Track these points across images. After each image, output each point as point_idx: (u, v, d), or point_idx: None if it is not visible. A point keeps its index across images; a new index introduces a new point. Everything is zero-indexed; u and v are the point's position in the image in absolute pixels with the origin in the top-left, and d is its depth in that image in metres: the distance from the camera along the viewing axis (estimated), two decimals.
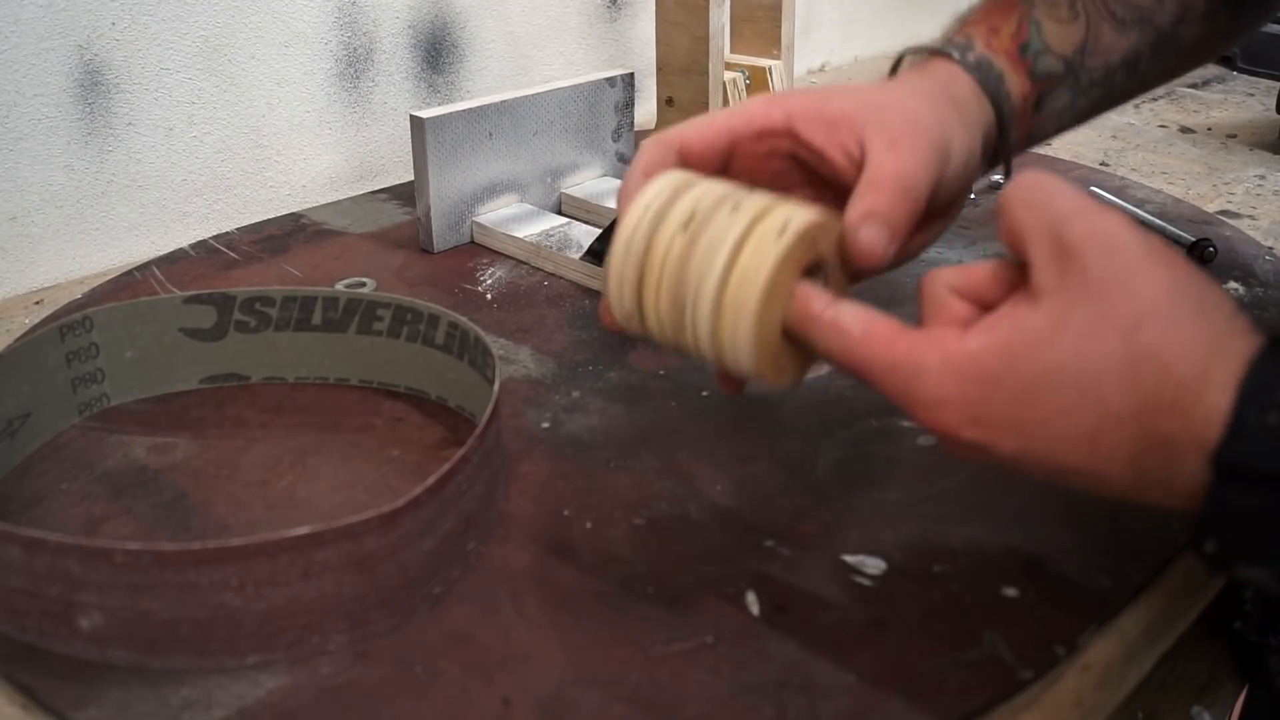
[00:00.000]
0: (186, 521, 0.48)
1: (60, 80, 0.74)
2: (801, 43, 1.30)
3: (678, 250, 0.40)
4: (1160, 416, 0.33)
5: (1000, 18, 0.51)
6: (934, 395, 0.35)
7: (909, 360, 0.36)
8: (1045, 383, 0.34)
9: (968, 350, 0.35)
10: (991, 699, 0.39)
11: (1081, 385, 0.33)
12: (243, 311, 0.56)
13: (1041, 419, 0.34)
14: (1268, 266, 0.73)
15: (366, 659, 0.40)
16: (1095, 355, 0.33)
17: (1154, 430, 0.33)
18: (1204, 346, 0.33)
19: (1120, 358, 0.33)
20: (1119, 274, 0.33)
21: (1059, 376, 0.34)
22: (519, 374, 0.60)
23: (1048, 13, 0.51)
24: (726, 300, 0.39)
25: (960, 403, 0.35)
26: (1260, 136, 1.05)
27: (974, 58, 0.49)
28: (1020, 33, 0.50)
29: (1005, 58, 0.50)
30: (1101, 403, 0.33)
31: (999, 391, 0.34)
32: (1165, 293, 0.33)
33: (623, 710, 0.38)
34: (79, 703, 0.38)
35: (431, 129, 0.71)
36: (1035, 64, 0.50)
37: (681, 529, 0.47)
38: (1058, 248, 0.34)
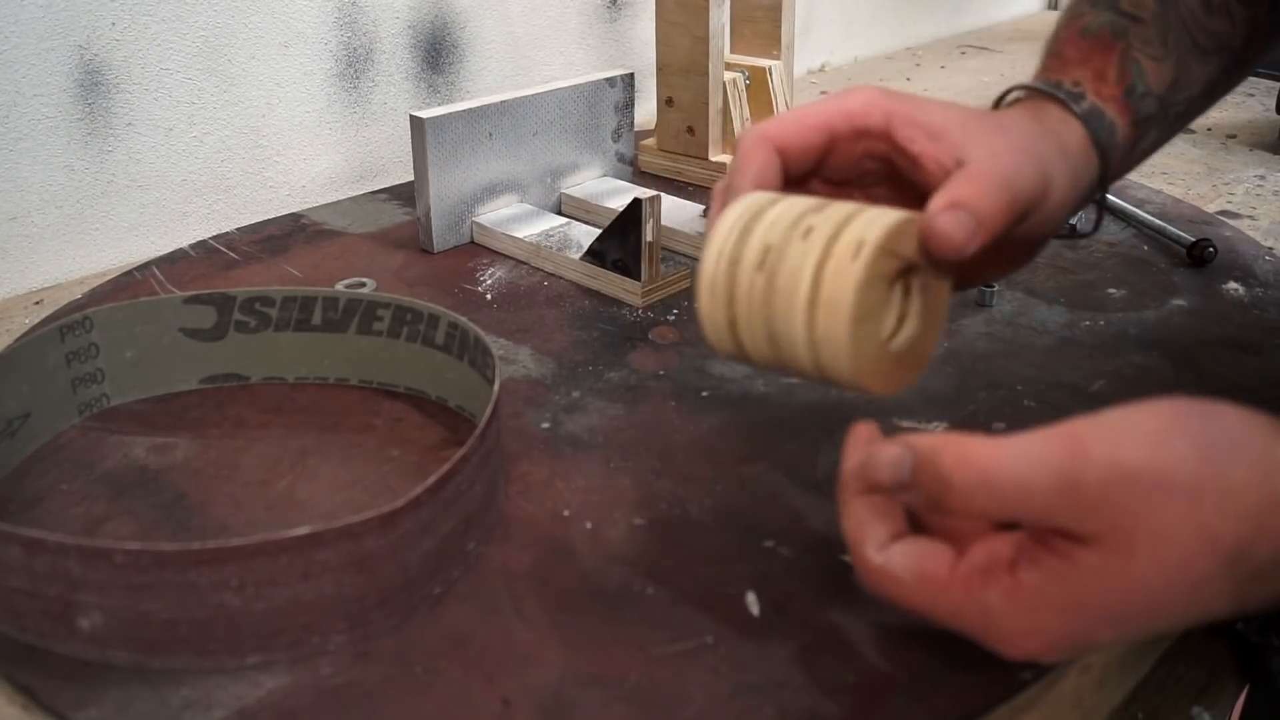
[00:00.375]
0: (186, 522, 0.48)
1: (60, 80, 0.74)
2: (801, 43, 1.30)
3: (760, 292, 0.39)
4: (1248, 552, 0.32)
5: (1103, 59, 0.49)
6: (1010, 632, 0.35)
7: (971, 603, 0.35)
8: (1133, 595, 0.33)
9: (1025, 587, 0.34)
10: (991, 699, 0.39)
11: (1168, 579, 0.33)
12: (243, 311, 0.56)
13: (1138, 613, 0.33)
14: (1268, 266, 0.73)
15: (366, 659, 0.40)
16: (1172, 552, 0.32)
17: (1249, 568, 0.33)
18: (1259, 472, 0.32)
19: (1194, 535, 0.32)
20: (1154, 490, 0.33)
21: (1146, 585, 0.33)
22: (519, 374, 0.60)
23: (1144, 50, 0.50)
24: (819, 335, 0.38)
25: (1040, 632, 0.34)
26: (1260, 136, 1.05)
27: (1087, 107, 0.48)
28: (1124, 76, 0.49)
29: (1113, 105, 0.49)
30: (1193, 576, 0.33)
31: (1082, 615, 0.34)
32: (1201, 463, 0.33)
33: (623, 710, 0.38)
34: (79, 703, 0.38)
35: (431, 129, 0.71)
36: (1139, 108, 0.49)
37: (681, 529, 0.47)
38: (1081, 510, 0.33)
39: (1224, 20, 0.52)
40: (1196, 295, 0.69)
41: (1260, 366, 0.60)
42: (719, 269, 0.40)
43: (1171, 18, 0.51)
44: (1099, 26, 0.51)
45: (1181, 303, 0.68)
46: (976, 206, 0.40)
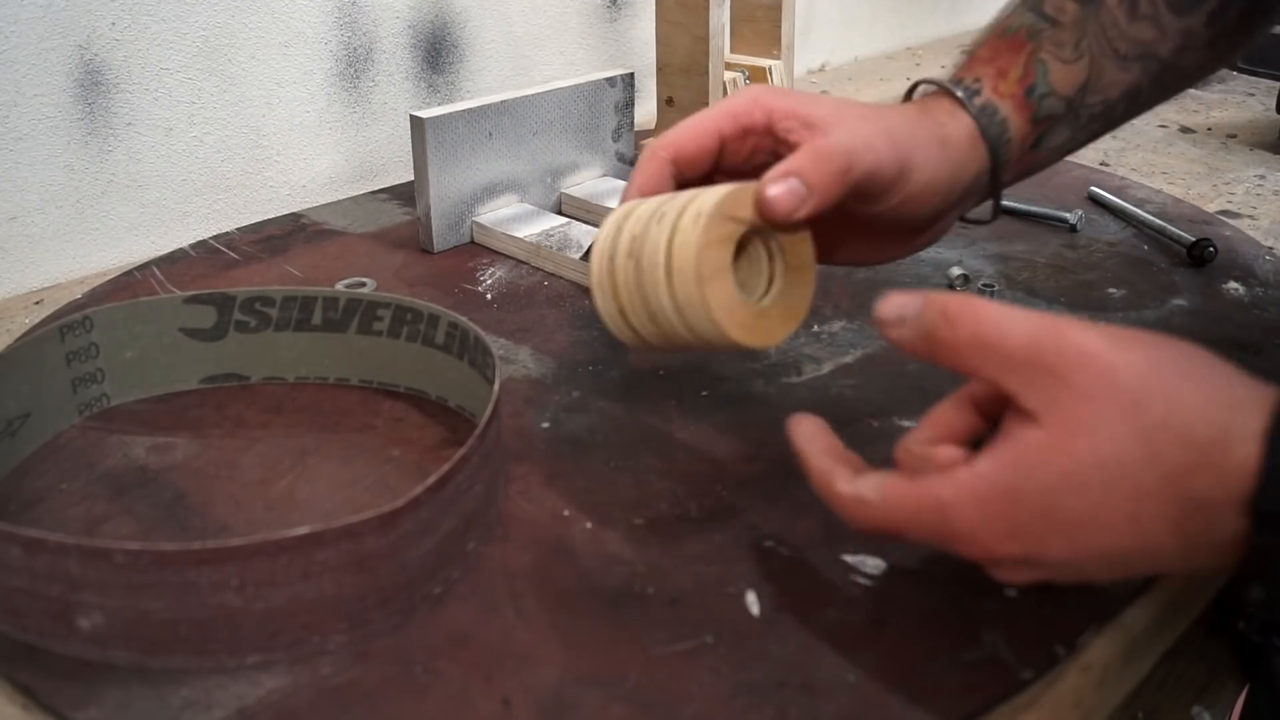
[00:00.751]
0: (186, 522, 0.48)
1: (60, 80, 0.74)
2: (801, 43, 1.30)
3: (632, 276, 0.45)
4: (1191, 480, 0.33)
5: (1009, 58, 0.51)
6: (965, 527, 0.36)
7: (928, 501, 0.37)
8: (1071, 485, 0.35)
9: (978, 473, 0.36)
10: (991, 699, 0.39)
11: (1107, 478, 0.34)
12: (243, 311, 0.56)
13: (1079, 516, 0.35)
14: (1268, 266, 0.73)
15: (366, 659, 0.40)
16: (1110, 447, 0.34)
17: (1189, 495, 0.34)
18: (1214, 406, 0.34)
19: (1135, 440, 0.34)
20: (1099, 373, 0.34)
21: (1082, 475, 0.34)
22: (519, 374, 0.60)
23: (1053, 52, 0.51)
24: (680, 300, 0.43)
25: (990, 524, 0.36)
26: (1260, 136, 1.05)
27: (980, 103, 0.50)
28: (1027, 75, 0.51)
29: (1010, 101, 0.50)
30: (1131, 485, 0.34)
31: (1025, 504, 0.35)
32: (1150, 370, 0.34)
33: (623, 710, 0.38)
34: (79, 703, 0.38)
35: (431, 129, 0.71)
36: (1039, 107, 0.51)
37: (681, 529, 0.47)
38: (1035, 374, 0.35)
39: (1149, 28, 0.52)
40: (1196, 295, 0.69)
41: (1260, 366, 0.60)
42: (601, 266, 0.47)
43: (1090, 23, 0.52)
44: (1017, 28, 0.52)
45: (1181, 303, 0.68)
46: (808, 176, 0.44)
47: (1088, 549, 0.35)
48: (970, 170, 0.50)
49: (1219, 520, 0.33)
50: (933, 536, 0.37)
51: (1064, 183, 0.88)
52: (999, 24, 0.53)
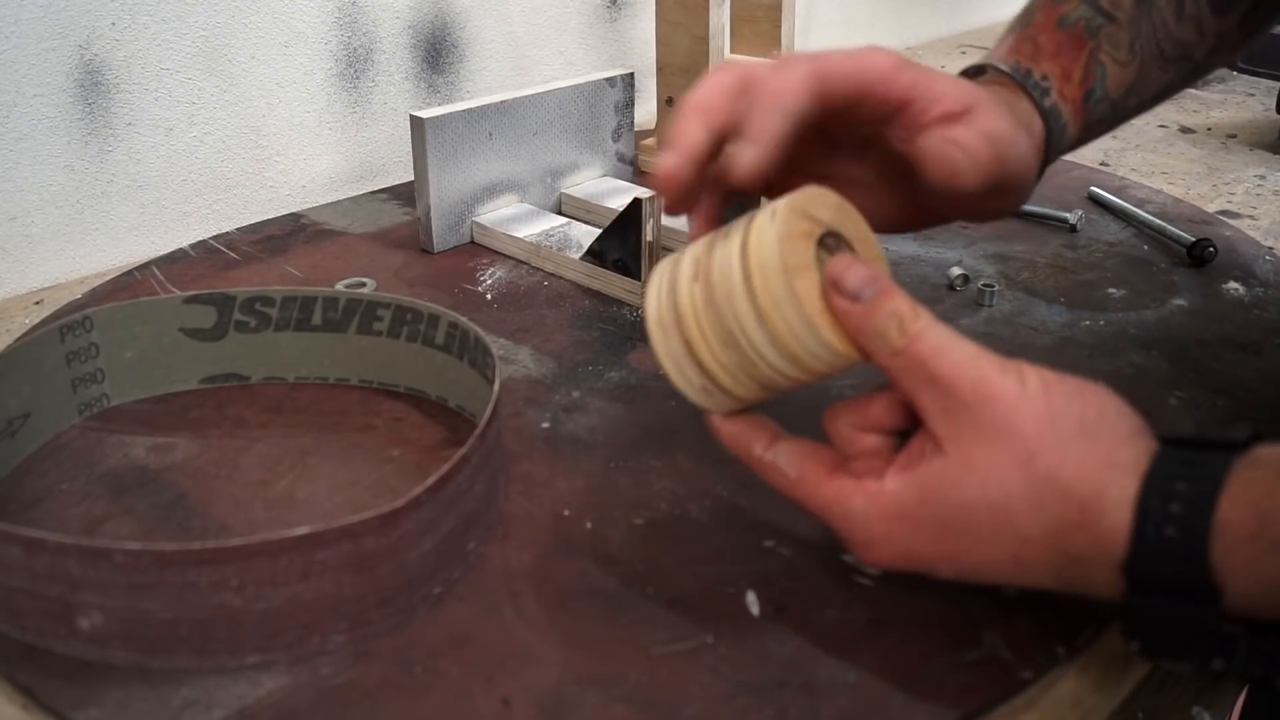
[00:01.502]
0: (186, 521, 0.48)
1: (60, 80, 0.74)
2: (801, 43, 1.30)
3: (701, 298, 0.40)
4: (1069, 536, 0.35)
5: (1071, 56, 0.50)
6: (865, 536, 0.39)
7: (838, 505, 0.39)
8: (962, 519, 0.37)
9: (888, 492, 0.38)
10: (991, 699, 0.39)
11: (994, 518, 0.36)
12: (243, 311, 0.56)
13: (965, 549, 0.37)
14: (1268, 266, 0.73)
15: (366, 659, 0.40)
16: (1000, 491, 0.36)
17: (1066, 549, 0.36)
18: (1096, 463, 0.35)
19: (1022, 489, 0.36)
20: (1005, 417, 0.36)
21: (972, 513, 0.36)
22: (519, 374, 0.60)
23: (1111, 54, 0.51)
24: (764, 303, 0.38)
25: (889, 541, 0.38)
26: (1260, 136, 1.05)
27: (1049, 104, 0.50)
28: (1088, 78, 0.50)
29: (1071, 106, 0.50)
30: (1015, 530, 0.36)
31: (922, 529, 0.38)
32: (1048, 423, 0.36)
33: (623, 710, 0.38)
34: (79, 703, 0.38)
35: (431, 129, 0.71)
36: (1092, 111, 0.51)
37: (681, 529, 0.47)
38: (949, 402, 0.37)
39: (1192, 30, 0.52)
40: (1196, 295, 0.69)
41: (1260, 366, 0.60)
42: (661, 302, 0.42)
43: (1144, 22, 0.51)
44: (1075, 19, 0.51)
45: (1181, 303, 0.68)
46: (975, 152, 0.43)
47: (972, 575, 0.38)
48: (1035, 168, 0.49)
49: (1096, 575, 0.35)
50: (834, 529, 0.40)
51: (1064, 183, 0.88)
52: (1052, 9, 0.52)
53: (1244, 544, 0.33)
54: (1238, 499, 0.33)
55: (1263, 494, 0.33)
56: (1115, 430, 0.36)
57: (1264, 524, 0.32)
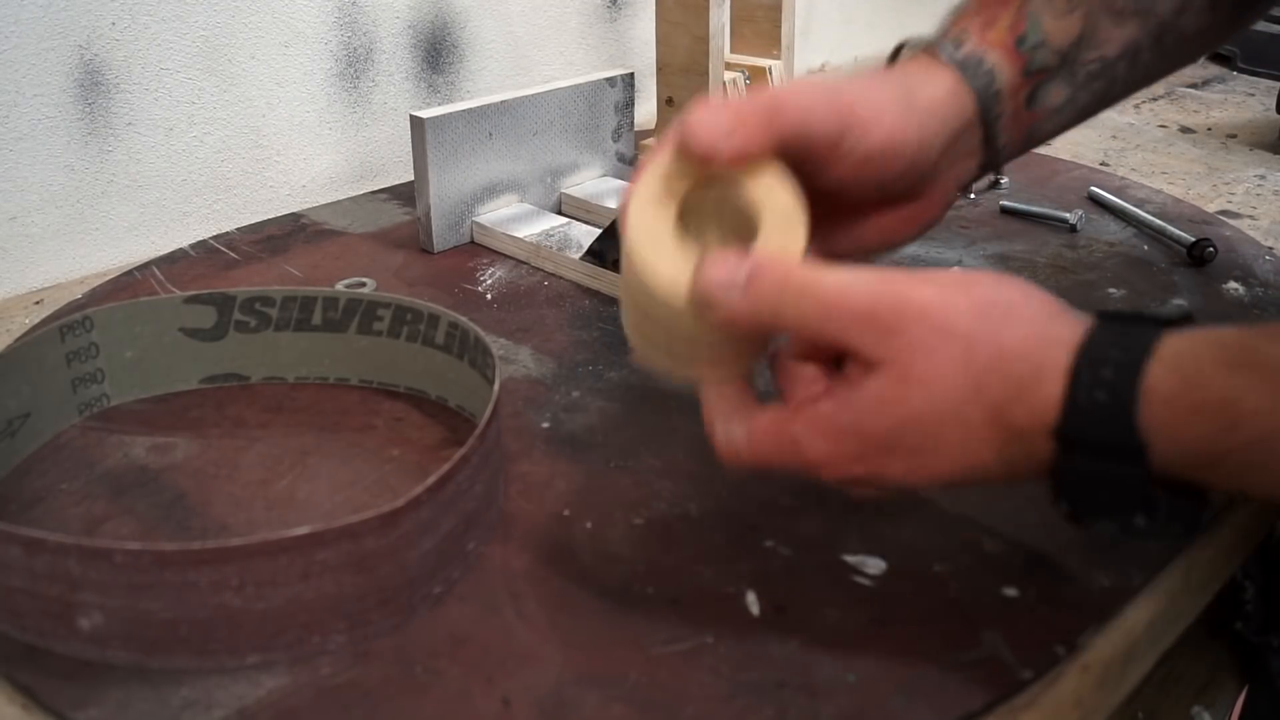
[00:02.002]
0: (186, 521, 0.48)
1: (60, 80, 0.74)
2: (801, 43, 1.30)
3: None
4: (1010, 413, 0.37)
5: (997, 9, 0.50)
6: (814, 454, 0.39)
7: (785, 438, 0.40)
8: (908, 425, 0.38)
9: (823, 413, 0.39)
10: (991, 699, 0.39)
11: (940, 416, 0.37)
12: (243, 311, 0.56)
13: (916, 445, 0.38)
14: (1268, 266, 0.73)
15: (366, 659, 0.40)
16: (944, 392, 0.37)
17: (1008, 425, 0.37)
18: (1032, 340, 0.37)
19: (965, 383, 0.37)
20: (937, 324, 0.37)
21: (918, 418, 0.37)
22: (519, 374, 0.60)
23: (1045, 5, 0.50)
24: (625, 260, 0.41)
25: (839, 450, 0.39)
26: (1260, 136, 1.05)
27: (963, 54, 0.49)
28: (1017, 24, 0.50)
29: (1001, 50, 0.49)
30: (961, 421, 0.37)
31: (866, 436, 0.38)
32: (977, 315, 0.37)
33: (623, 710, 0.38)
34: (79, 703, 0.38)
35: (431, 129, 0.71)
36: (1031, 58, 0.50)
37: (681, 529, 0.47)
38: (876, 331, 0.38)
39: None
40: (1196, 295, 0.69)
41: None
42: None
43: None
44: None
45: (1181, 303, 0.68)
46: (736, 110, 0.42)
47: (922, 471, 0.38)
48: (950, 126, 0.48)
49: (1033, 446, 0.37)
50: (793, 466, 0.40)
51: (1064, 183, 0.88)
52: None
53: (1168, 406, 0.35)
54: (1165, 364, 0.35)
55: (1190, 361, 0.35)
56: (1044, 308, 0.38)
57: (1188, 389, 0.34)
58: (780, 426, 0.40)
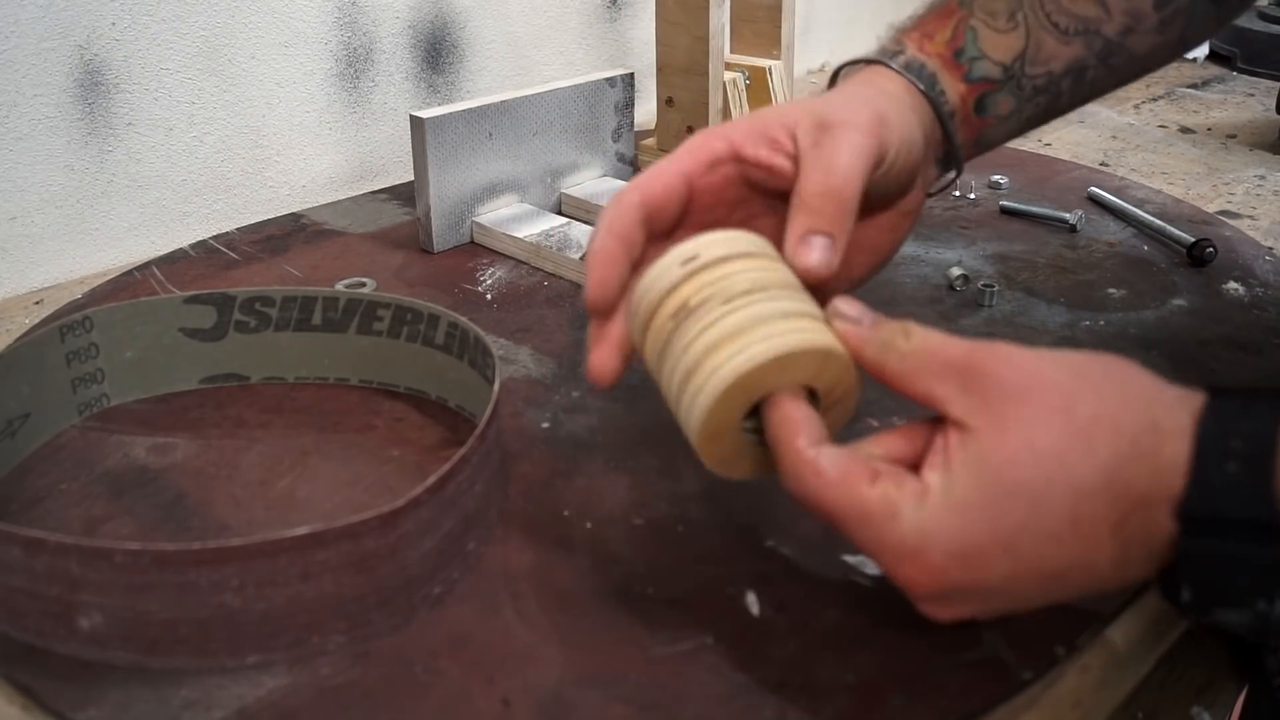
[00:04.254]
0: (186, 521, 0.48)
1: (60, 80, 0.74)
2: (801, 43, 1.30)
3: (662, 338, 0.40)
4: (1128, 474, 0.34)
5: (935, 24, 0.52)
6: (915, 538, 0.35)
7: (885, 507, 0.36)
8: (1010, 485, 0.34)
9: (931, 485, 0.36)
10: (991, 699, 0.39)
11: (1045, 473, 0.34)
12: (243, 311, 0.56)
13: (1020, 522, 0.34)
14: (1268, 266, 0.73)
15: (366, 659, 0.40)
16: (1045, 441, 0.34)
17: (1126, 491, 0.34)
18: (1139, 401, 0.35)
19: (1068, 433, 0.34)
20: (1029, 373, 0.36)
21: (1020, 473, 0.34)
22: (519, 374, 0.60)
23: (985, 21, 0.51)
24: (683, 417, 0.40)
25: (942, 539, 0.35)
26: (1260, 136, 1.05)
27: (903, 60, 0.50)
28: (955, 39, 0.51)
29: (939, 60, 0.50)
30: (1069, 481, 0.34)
31: (973, 513, 0.35)
32: (1076, 373, 0.36)
33: (623, 710, 0.38)
34: (79, 703, 0.38)
35: (431, 129, 0.71)
36: (970, 69, 0.51)
37: (681, 529, 0.47)
38: (968, 379, 0.36)
39: (1092, 6, 0.52)
40: (1196, 295, 0.69)
41: (1260, 366, 0.60)
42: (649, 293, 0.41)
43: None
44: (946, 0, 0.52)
45: (1181, 303, 0.68)
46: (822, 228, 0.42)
47: (1027, 564, 0.35)
48: (919, 118, 0.49)
49: (1153, 521, 0.34)
50: (873, 546, 0.36)
51: (1064, 183, 0.89)
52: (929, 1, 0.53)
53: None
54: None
55: None
56: (1145, 375, 0.36)
57: None
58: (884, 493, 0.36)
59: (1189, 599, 0.34)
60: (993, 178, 0.88)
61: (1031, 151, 0.98)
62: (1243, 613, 0.34)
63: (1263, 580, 0.33)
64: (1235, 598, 0.33)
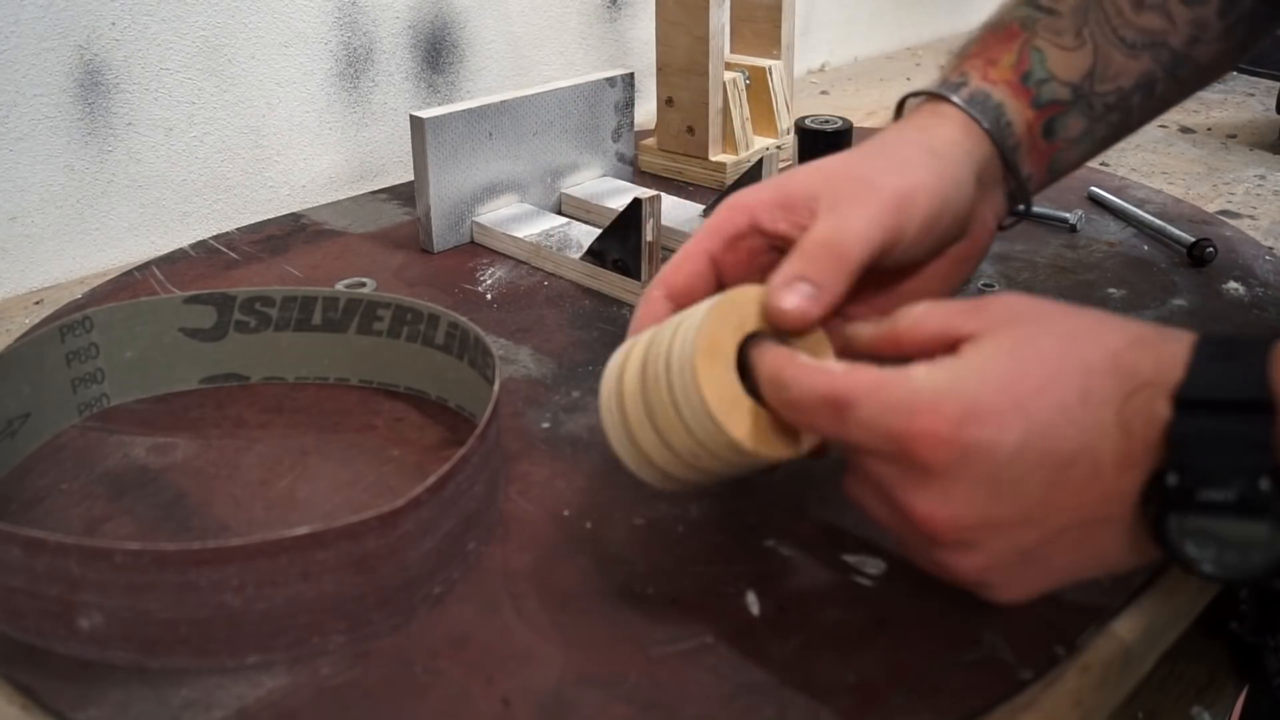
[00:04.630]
0: (186, 521, 0.48)
1: (60, 80, 0.74)
2: (801, 43, 1.30)
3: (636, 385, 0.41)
4: (1133, 357, 0.36)
5: (999, 48, 0.50)
6: (929, 393, 0.36)
7: (897, 376, 0.36)
8: (1028, 356, 0.36)
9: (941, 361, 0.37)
10: (991, 699, 0.39)
11: (1061, 350, 0.36)
12: (243, 311, 0.56)
13: (1035, 388, 0.36)
14: (1268, 266, 0.73)
15: (366, 659, 0.40)
16: (1062, 326, 0.37)
17: (1132, 372, 0.36)
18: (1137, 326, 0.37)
19: (1082, 325, 0.37)
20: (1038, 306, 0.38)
21: (1038, 348, 0.36)
22: (519, 374, 0.60)
23: (1051, 39, 0.50)
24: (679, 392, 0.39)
25: (957, 393, 0.36)
26: (1260, 136, 1.05)
27: (967, 93, 0.49)
28: (1021, 62, 0.50)
29: (1005, 87, 0.49)
30: (1082, 359, 0.36)
31: (989, 374, 0.36)
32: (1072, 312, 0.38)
33: (623, 710, 0.38)
34: (79, 703, 0.38)
35: (431, 129, 0.71)
36: (1039, 92, 0.50)
37: (681, 529, 0.47)
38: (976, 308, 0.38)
39: (1157, 18, 0.52)
40: (1196, 295, 0.69)
41: None
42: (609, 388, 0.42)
43: (1092, 11, 0.51)
44: (1009, 20, 0.51)
45: (1181, 303, 0.68)
46: (815, 275, 0.41)
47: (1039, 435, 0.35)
48: (974, 160, 0.48)
49: (1154, 407, 0.35)
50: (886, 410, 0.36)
51: (1064, 183, 0.88)
52: (991, 20, 0.52)
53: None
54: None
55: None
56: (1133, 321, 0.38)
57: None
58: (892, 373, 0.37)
59: (1175, 482, 0.34)
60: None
61: None
62: (1228, 490, 0.34)
63: (1252, 455, 0.33)
64: (1223, 477, 0.34)
